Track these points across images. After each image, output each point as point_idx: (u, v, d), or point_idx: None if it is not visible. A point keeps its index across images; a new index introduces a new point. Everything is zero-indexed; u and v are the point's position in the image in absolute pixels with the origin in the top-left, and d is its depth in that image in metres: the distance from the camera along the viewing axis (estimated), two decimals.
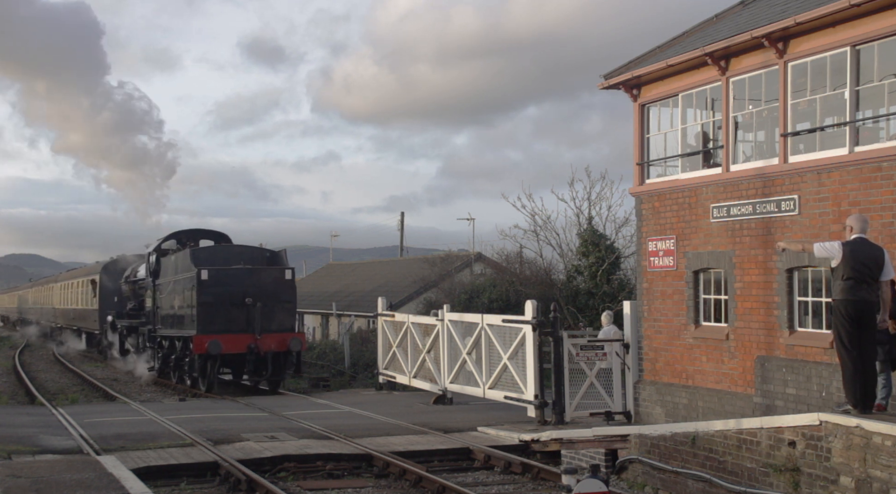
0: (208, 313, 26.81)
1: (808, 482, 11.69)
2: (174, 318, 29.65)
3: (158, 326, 31.71)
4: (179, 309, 28.84)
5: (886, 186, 14.27)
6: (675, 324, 18.61)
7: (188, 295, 27.73)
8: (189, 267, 27.78)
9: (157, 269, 32.14)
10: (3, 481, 12.55)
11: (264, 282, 27.35)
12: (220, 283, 26.91)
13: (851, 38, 14.82)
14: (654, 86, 19.21)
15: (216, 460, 15.28)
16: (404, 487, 14.46)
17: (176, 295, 29.32)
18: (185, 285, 28.07)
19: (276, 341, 27.00)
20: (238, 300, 26.88)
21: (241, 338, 26.74)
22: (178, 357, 29.28)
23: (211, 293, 26.86)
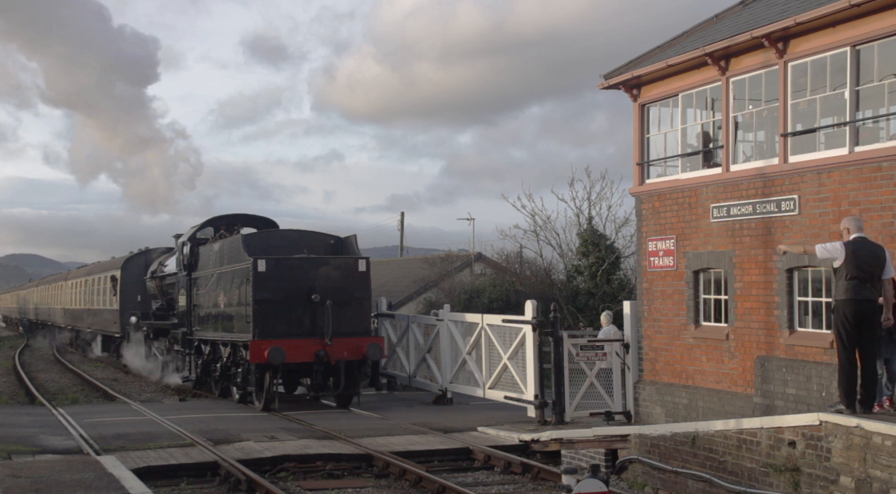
0: (267, 313, 21.50)
1: (808, 482, 11.69)
2: (218, 319, 24.30)
3: (196, 328, 26.13)
4: (226, 307, 23.55)
5: (886, 186, 14.27)
6: (675, 324, 18.61)
7: (239, 290, 22.53)
8: (240, 256, 22.48)
9: (194, 261, 26.45)
10: (3, 481, 12.55)
11: (334, 275, 22.12)
12: (280, 276, 21.66)
13: (851, 38, 14.82)
14: (655, 86, 19.21)
15: (216, 460, 15.28)
16: (404, 487, 14.46)
17: (221, 291, 23.94)
18: (235, 279, 22.80)
19: (349, 347, 21.71)
20: (303, 297, 21.56)
21: (308, 344, 21.42)
22: (224, 365, 23.98)
23: (270, 288, 21.55)
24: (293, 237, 23.69)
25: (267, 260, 21.67)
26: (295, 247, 23.00)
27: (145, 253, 37.68)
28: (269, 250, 22.59)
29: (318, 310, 21.50)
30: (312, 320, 21.61)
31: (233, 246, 23.33)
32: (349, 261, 22.48)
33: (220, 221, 27.21)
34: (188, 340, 26.75)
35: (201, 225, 27.12)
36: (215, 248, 24.68)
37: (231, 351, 23.36)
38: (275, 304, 21.56)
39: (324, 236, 24.17)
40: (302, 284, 21.62)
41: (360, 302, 22.25)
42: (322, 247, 23.46)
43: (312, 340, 21.49)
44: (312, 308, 21.56)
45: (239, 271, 22.54)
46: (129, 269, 38.10)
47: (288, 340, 21.29)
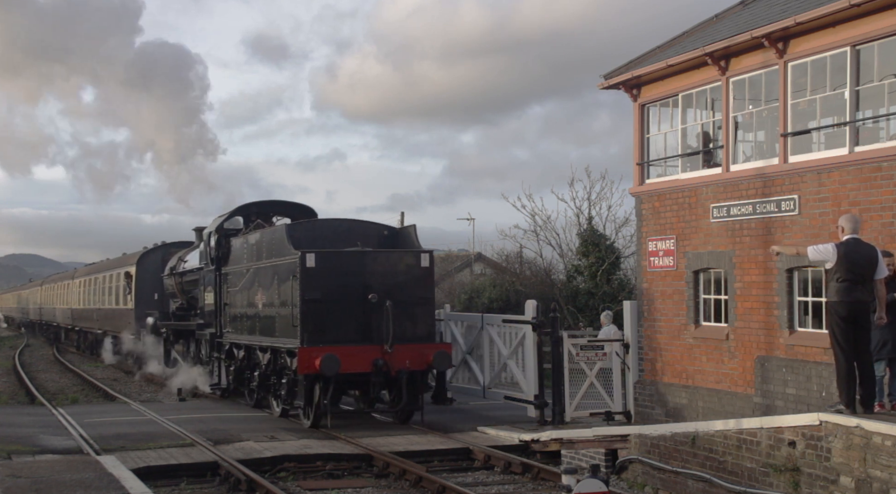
0: (317, 315, 18.41)
1: (808, 482, 11.69)
2: (255, 320, 21.24)
3: (227, 330, 23.11)
4: (266, 307, 20.45)
5: (886, 186, 14.28)
6: (675, 324, 18.61)
7: (283, 289, 19.45)
8: (284, 249, 19.35)
9: (223, 255, 23.39)
10: (3, 481, 12.55)
11: (393, 271, 19.01)
12: (332, 273, 18.56)
13: (851, 38, 14.82)
14: (654, 87, 19.21)
15: (216, 460, 15.28)
16: (404, 487, 14.46)
17: (259, 289, 20.86)
18: (278, 275, 19.73)
19: (412, 356, 18.58)
20: (358, 297, 18.54)
21: (364, 352, 18.33)
22: (263, 374, 20.83)
23: (321, 286, 18.41)
24: (342, 227, 20.58)
25: (317, 254, 18.48)
26: (344, 239, 19.92)
27: (162, 249, 34.64)
28: (315, 242, 19.62)
29: (376, 312, 18.42)
30: (368, 324, 18.57)
31: (274, 237, 20.14)
32: (410, 255, 19.27)
33: (251, 210, 24.17)
34: (217, 343, 23.75)
35: (229, 214, 24.08)
36: (251, 240, 21.60)
37: (271, 358, 20.21)
38: (326, 305, 18.47)
39: (376, 226, 21.14)
40: (357, 282, 18.60)
41: (423, 303, 19.13)
42: (374, 239, 20.30)
43: (369, 347, 18.38)
44: (368, 309, 18.49)
45: (283, 266, 19.43)
46: (145, 266, 35.02)
47: (342, 347, 18.16)
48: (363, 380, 18.77)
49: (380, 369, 18.33)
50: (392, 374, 18.46)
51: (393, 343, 18.31)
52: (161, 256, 33.50)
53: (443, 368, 19.14)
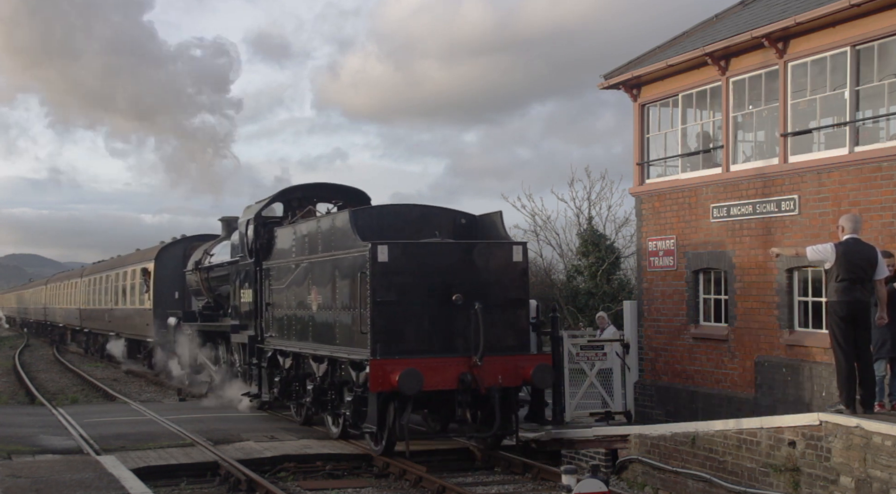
0: (392, 320, 15.30)
1: (808, 482, 11.69)
2: (307, 324, 17.90)
3: (270, 334, 19.81)
4: (322, 309, 17.23)
5: (886, 186, 14.28)
6: (675, 324, 18.61)
7: (346, 287, 16.22)
8: (348, 240, 16.13)
9: (263, 247, 20.22)
10: (3, 481, 12.55)
11: (480, 267, 15.75)
12: (409, 269, 15.46)
13: (851, 38, 14.83)
14: (654, 87, 19.22)
15: (216, 460, 15.28)
16: (404, 487, 14.46)
17: (312, 288, 17.62)
18: (340, 271, 16.51)
19: (505, 369, 15.43)
20: (439, 298, 15.43)
21: (449, 365, 15.22)
22: (318, 388, 17.55)
23: (396, 285, 15.35)
24: (412, 214, 17.29)
25: (390, 247, 15.33)
26: (416, 229, 16.82)
27: (183, 242, 31.77)
28: (382, 232, 16.40)
29: (461, 317, 15.36)
30: (452, 331, 15.46)
31: (334, 226, 16.96)
32: (501, 248, 16.07)
33: (293, 195, 21.10)
34: (257, 349, 20.44)
35: (268, 200, 21.02)
36: (301, 230, 18.38)
37: (329, 370, 17.11)
38: (402, 308, 15.33)
39: (451, 213, 17.73)
40: (438, 280, 15.47)
41: (516, 306, 15.95)
42: (450, 229, 17.11)
43: (454, 360, 15.25)
44: (452, 313, 15.40)
45: (346, 261, 16.21)
46: (164, 261, 31.99)
47: (422, 360, 15.07)
48: (445, 399, 15.52)
49: (467, 385, 15.13)
50: (482, 392, 15.24)
51: (483, 354, 15.16)
52: (182, 251, 30.58)
53: (545, 385, 15.91)
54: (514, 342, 15.88)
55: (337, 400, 17.13)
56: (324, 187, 21.46)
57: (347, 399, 16.27)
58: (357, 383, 15.78)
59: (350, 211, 16.76)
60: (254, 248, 20.41)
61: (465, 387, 15.18)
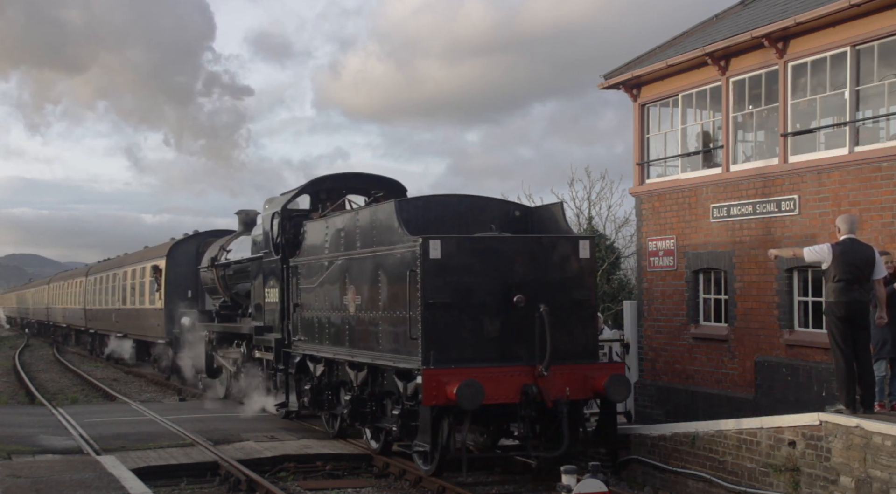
0: (447, 325, 13.60)
1: (808, 482, 11.70)
2: (344, 328, 16.18)
3: (299, 338, 18.13)
4: (363, 311, 15.47)
5: (886, 186, 14.29)
6: (675, 324, 18.61)
7: (390, 287, 14.57)
8: (393, 233, 14.43)
9: (290, 241, 18.57)
10: (3, 481, 12.55)
11: (543, 265, 14.06)
12: (464, 266, 13.74)
13: (851, 38, 14.83)
14: (654, 87, 19.22)
15: (216, 460, 15.28)
16: (404, 487, 14.46)
17: (350, 287, 15.84)
18: (383, 269, 14.78)
19: (574, 380, 13.72)
20: (498, 299, 13.76)
21: (511, 376, 13.50)
22: (356, 398, 15.80)
23: (450, 285, 13.63)
24: (461, 206, 15.71)
25: (444, 242, 13.62)
26: (467, 222, 15.24)
27: (196, 238, 30.21)
28: (428, 225, 14.72)
29: (522, 321, 13.66)
30: (513, 336, 13.75)
31: (376, 219, 15.17)
32: (566, 243, 14.31)
33: (322, 186, 19.32)
34: (284, 354, 18.68)
35: (296, 191, 19.22)
36: (336, 224, 16.64)
37: (368, 379, 15.47)
38: (457, 311, 13.64)
39: (503, 204, 16.44)
40: (496, 279, 13.79)
41: (583, 308, 14.22)
42: (503, 222, 15.45)
43: (517, 369, 13.54)
44: (513, 317, 13.69)
45: (390, 258, 14.53)
46: (177, 258, 30.42)
47: (481, 369, 13.31)
48: (506, 414, 13.98)
49: (531, 399, 13.41)
50: (548, 406, 13.48)
51: (550, 363, 13.44)
52: (195, 247, 28.88)
53: (620, 398, 13.98)
54: (582, 349, 14.13)
55: (378, 412, 15.48)
56: (356, 177, 19.59)
57: (394, 412, 14.49)
58: (405, 394, 13.98)
59: (395, 201, 14.93)
60: (280, 244, 18.72)
61: (529, 401, 13.40)
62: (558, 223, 15.19)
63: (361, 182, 19.46)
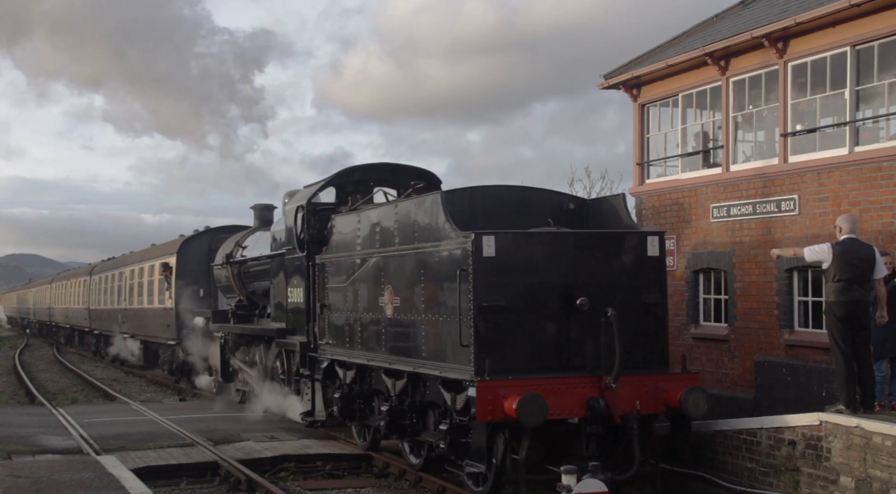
0: (502, 331, 12.13)
1: (808, 482, 11.70)
2: (379, 332, 14.74)
3: (327, 341, 16.77)
4: (400, 314, 14.04)
5: (886, 186, 14.29)
6: (675, 324, 18.59)
7: (436, 287, 13.05)
8: (439, 228, 12.91)
9: (316, 236, 17.24)
10: (3, 481, 12.56)
11: (607, 263, 12.64)
12: (520, 265, 12.26)
13: (851, 38, 14.83)
14: (654, 86, 19.22)
15: (216, 460, 15.28)
16: (404, 487, 14.46)
17: (387, 287, 14.37)
18: (426, 268, 13.31)
19: (644, 393, 12.23)
20: (560, 302, 12.30)
21: (574, 388, 12.02)
22: (394, 410, 14.20)
23: (505, 286, 12.18)
24: (510, 198, 14.24)
25: (498, 238, 12.12)
26: (518, 215, 13.83)
27: (208, 234, 28.77)
28: (475, 219, 13.40)
29: (587, 326, 12.23)
30: (576, 343, 12.33)
31: (417, 212, 13.66)
32: (633, 239, 12.87)
33: (349, 177, 17.90)
34: (309, 358, 17.22)
35: (322, 183, 17.73)
36: (370, 218, 15.13)
37: (408, 388, 13.93)
38: (513, 315, 12.13)
39: (557, 195, 14.85)
40: (557, 279, 12.31)
41: (654, 312, 12.77)
42: (556, 216, 13.90)
43: (580, 380, 12.04)
44: (575, 321, 12.28)
45: (435, 255, 13.01)
46: (188, 255, 28.87)
47: (543, 380, 11.86)
48: (567, 430, 12.23)
49: (598, 414, 11.91)
50: (615, 422, 12.02)
51: (619, 373, 11.92)
52: (207, 244, 27.63)
53: (699, 413, 12.32)
54: (653, 358, 12.68)
55: (419, 424, 14.01)
56: (387, 168, 18.18)
57: (441, 427, 12.80)
58: (453, 407, 12.39)
59: (441, 193, 13.46)
60: (305, 240, 17.35)
61: (595, 416, 11.91)
62: (620, 216, 13.81)
63: (392, 173, 18.05)
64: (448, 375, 12.48)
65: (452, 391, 12.42)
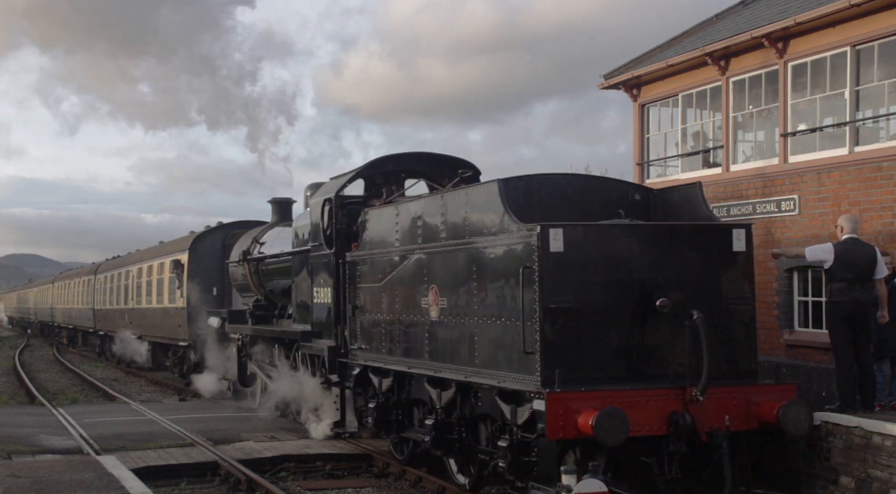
0: (572, 335, 10.78)
1: (808, 482, 11.69)
2: (422, 336, 13.35)
3: (359, 346, 15.35)
4: (447, 316, 12.66)
5: (886, 186, 14.29)
6: None
7: (491, 286, 11.68)
8: (498, 221, 11.52)
9: (344, 231, 15.90)
10: (3, 481, 12.56)
11: (690, 260, 11.27)
12: (592, 262, 10.94)
13: (851, 38, 14.83)
14: (654, 86, 19.22)
15: (216, 460, 15.29)
16: (404, 487, 14.46)
17: (432, 287, 12.98)
18: (478, 265, 11.92)
19: (734, 406, 10.91)
20: (637, 303, 10.97)
21: (655, 401, 10.69)
22: (440, 423, 12.90)
23: (575, 285, 10.83)
24: (570, 187, 12.82)
25: (567, 231, 10.73)
26: (579, 206, 12.36)
27: (221, 230, 27.44)
28: (531, 211, 11.71)
29: (667, 330, 10.95)
30: (655, 350, 10.97)
31: (469, 202, 12.25)
32: (716, 233, 11.47)
33: (381, 168, 16.61)
34: (339, 364, 15.87)
35: (351, 175, 16.37)
36: (411, 210, 13.75)
37: (457, 399, 12.57)
38: (585, 318, 10.77)
39: (620, 185, 13.40)
40: (633, 277, 10.95)
41: (740, 314, 11.36)
42: (621, 207, 12.47)
43: (661, 392, 10.68)
44: (654, 325, 10.93)
45: (492, 251, 11.62)
46: (200, 252, 27.53)
47: (619, 392, 10.51)
48: (645, 449, 10.69)
49: (682, 430, 10.52)
50: (702, 439, 10.58)
51: (707, 385, 10.58)
52: (221, 240, 26.54)
53: (800, 430, 10.92)
54: (740, 367, 11.30)
55: (469, 439, 12.66)
56: (421, 159, 16.74)
57: (500, 443, 11.39)
58: (514, 422, 11.08)
59: (499, 181, 11.79)
60: (333, 235, 16.04)
61: (679, 432, 10.54)
62: (696, 208, 12.27)
63: (429, 164, 16.57)
64: (507, 385, 11.13)
65: (512, 403, 11.11)
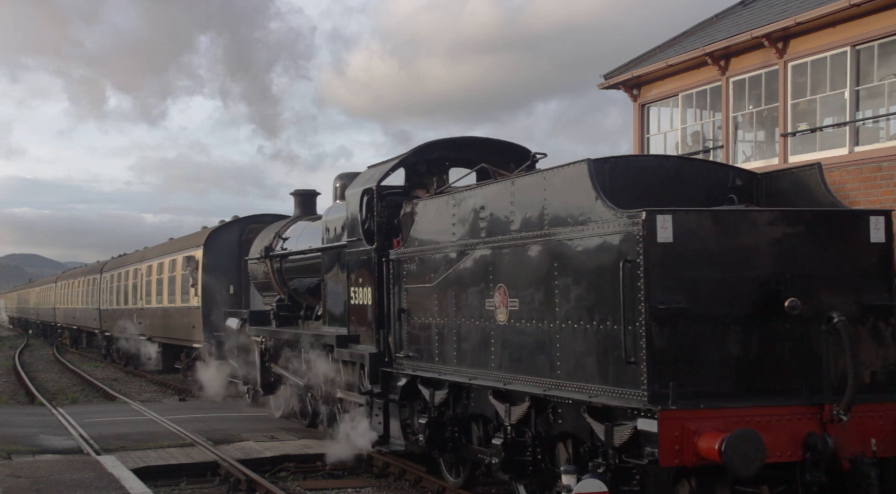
0: (684, 343, 8.61)
1: None
2: (485, 342, 11.43)
3: (406, 353, 13.49)
4: (518, 320, 10.71)
5: (886, 186, 14.29)
6: None
7: (578, 285, 9.64)
8: (588, 208, 9.47)
9: (385, 226, 14.25)
10: (3, 481, 12.56)
11: (819, 253, 9.12)
12: (706, 255, 8.80)
13: (851, 38, 14.84)
14: (654, 86, 19.22)
15: (216, 460, 15.28)
16: (404, 487, 14.45)
17: (498, 286, 11.14)
18: (561, 259, 9.89)
19: (882, 428, 8.83)
20: (760, 303, 8.87)
21: (787, 421, 8.60)
22: (510, 444, 10.95)
23: (687, 282, 8.69)
24: (663, 171, 11.07)
25: (676, 218, 8.81)
26: (673, 193, 10.74)
27: (238, 224, 25.64)
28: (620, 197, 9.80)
29: (797, 335, 9.06)
30: (783, 359, 9.03)
31: (550, 188, 10.29)
32: (850, 221, 9.49)
33: (426, 155, 14.97)
34: (383, 373, 14.04)
35: (394, 162, 14.65)
36: (471, 200, 11.91)
37: (530, 415, 10.81)
38: (699, 321, 8.81)
39: (718, 168, 11.94)
40: (754, 274, 9.01)
41: (882, 316, 9.39)
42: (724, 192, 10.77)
43: (794, 410, 8.80)
44: (779, 329, 9.00)
45: (581, 243, 9.73)
46: (216, 248, 25.73)
47: (747, 410, 8.63)
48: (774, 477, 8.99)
49: (820, 456, 8.68)
50: (843, 467, 8.76)
51: (851, 401, 8.72)
52: (238, 235, 24.72)
53: None
54: (884, 380, 9.39)
55: (545, 462, 10.88)
56: (474, 144, 15.06)
57: (599, 470, 9.43)
58: (609, 444, 9.30)
59: (588, 161, 9.90)
60: (373, 230, 14.39)
61: (818, 459, 8.70)
62: (813, 194, 10.43)
63: (480, 150, 14.84)
64: (601, 400, 9.30)
65: (606, 421, 9.36)
